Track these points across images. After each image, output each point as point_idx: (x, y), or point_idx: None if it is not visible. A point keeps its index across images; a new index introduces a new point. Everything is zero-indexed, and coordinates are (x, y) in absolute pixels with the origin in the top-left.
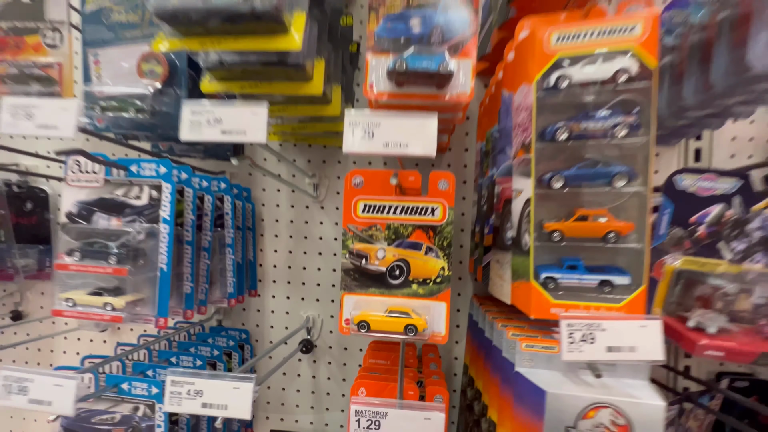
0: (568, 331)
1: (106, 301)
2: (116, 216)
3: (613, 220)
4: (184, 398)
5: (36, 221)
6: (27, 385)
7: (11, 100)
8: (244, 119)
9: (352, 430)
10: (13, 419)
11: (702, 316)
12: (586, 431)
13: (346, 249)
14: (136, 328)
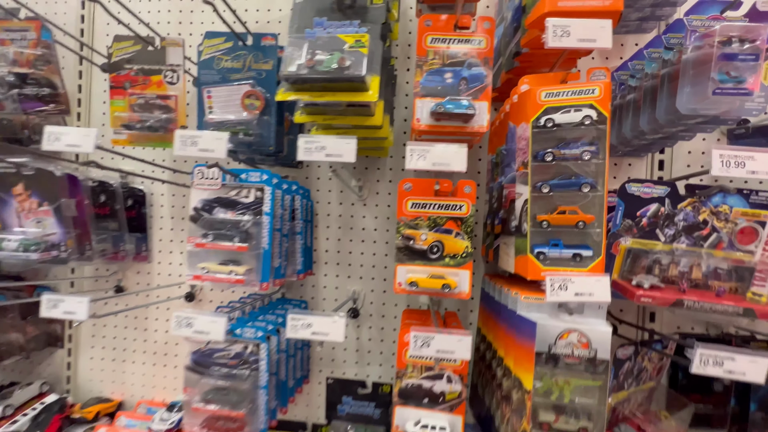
0: (550, 282)
1: (231, 269)
2: (231, 210)
3: (581, 213)
4: (299, 329)
5: (135, 215)
6: (192, 321)
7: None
8: (341, 147)
9: (411, 347)
10: (178, 346)
11: (640, 277)
12: (562, 348)
13: (399, 234)
14: (214, 300)
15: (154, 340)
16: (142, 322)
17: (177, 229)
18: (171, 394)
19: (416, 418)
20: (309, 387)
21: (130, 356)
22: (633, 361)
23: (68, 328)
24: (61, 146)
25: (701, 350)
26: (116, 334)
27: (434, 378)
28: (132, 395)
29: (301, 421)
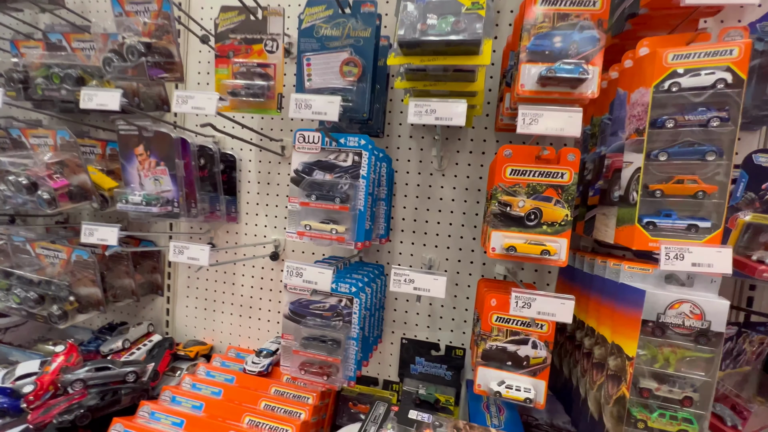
0: (665, 251)
1: (332, 228)
2: (329, 173)
3: (701, 183)
4: (402, 283)
5: (226, 179)
6: (302, 272)
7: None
8: (451, 110)
9: (512, 307)
10: (262, 300)
11: (761, 253)
12: (672, 317)
13: (495, 200)
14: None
15: (240, 294)
16: (230, 276)
17: (263, 193)
18: (255, 342)
19: (499, 379)
20: (382, 347)
21: (219, 306)
22: (734, 341)
23: (167, 279)
24: (188, 108)
25: None
26: (208, 287)
27: (520, 342)
28: (221, 341)
29: (373, 377)
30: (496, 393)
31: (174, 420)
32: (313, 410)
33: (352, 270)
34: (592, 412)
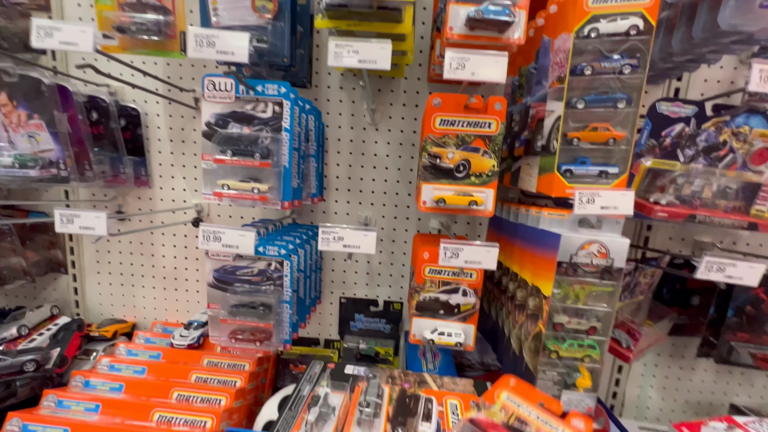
0: (579, 196)
1: (253, 186)
2: (247, 126)
3: (613, 130)
4: (331, 241)
5: (130, 136)
6: (220, 236)
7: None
8: (375, 51)
9: (441, 257)
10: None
11: (657, 195)
12: (582, 257)
13: (425, 151)
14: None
15: (162, 266)
16: (147, 247)
17: (177, 153)
18: (184, 315)
19: (433, 327)
20: (321, 307)
21: (138, 281)
22: (632, 276)
23: (70, 254)
24: (54, 44)
25: (708, 258)
26: (122, 260)
27: (450, 292)
28: (145, 317)
29: (314, 338)
30: (430, 341)
31: (87, 406)
32: (250, 377)
33: (283, 232)
34: (514, 348)
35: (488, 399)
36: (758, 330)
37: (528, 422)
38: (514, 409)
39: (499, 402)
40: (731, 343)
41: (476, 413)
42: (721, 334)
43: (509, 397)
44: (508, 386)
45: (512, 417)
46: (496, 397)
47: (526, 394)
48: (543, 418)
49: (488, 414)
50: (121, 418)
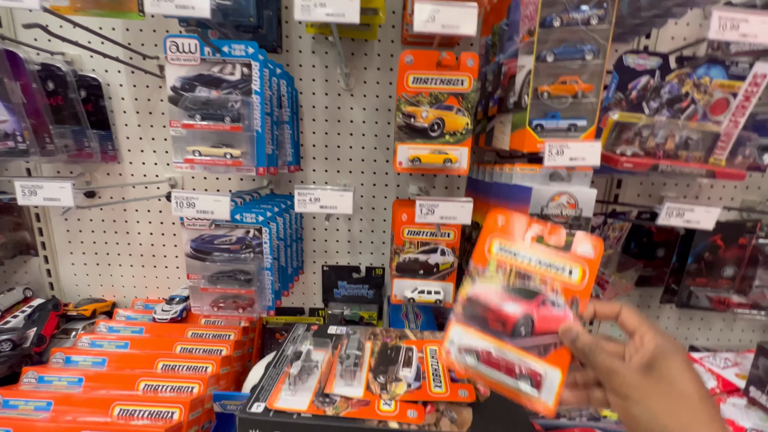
0: (548, 149)
1: (226, 151)
2: (215, 89)
3: (581, 83)
4: (307, 203)
5: (93, 108)
6: (194, 201)
7: None
8: (343, 4)
9: (417, 215)
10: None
11: (623, 148)
12: (553, 209)
13: (399, 111)
14: None
15: (138, 243)
16: (121, 225)
17: (145, 125)
18: (165, 292)
19: (413, 287)
20: (304, 277)
21: (115, 259)
22: (601, 230)
23: (39, 235)
24: None
25: (669, 204)
26: (96, 239)
27: (429, 252)
28: (125, 296)
29: (298, 307)
30: (410, 299)
31: (70, 379)
32: (235, 345)
33: (261, 202)
34: None
35: (480, 261)
36: (715, 275)
37: (530, 273)
38: (512, 261)
39: (493, 260)
40: (691, 288)
41: (471, 287)
42: (682, 281)
43: (502, 247)
44: (497, 230)
45: (512, 275)
46: (487, 253)
47: (519, 228)
48: (545, 260)
49: (485, 282)
50: (105, 389)
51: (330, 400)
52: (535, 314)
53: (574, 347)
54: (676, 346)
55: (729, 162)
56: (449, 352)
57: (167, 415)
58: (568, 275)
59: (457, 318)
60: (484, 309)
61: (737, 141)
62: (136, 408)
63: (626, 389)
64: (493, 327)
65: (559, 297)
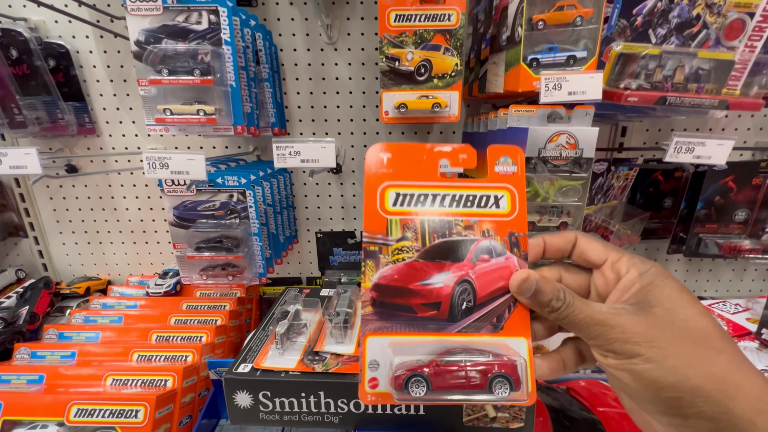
0: (545, 82)
1: (198, 108)
2: (182, 40)
3: (580, 8)
4: (287, 157)
5: (64, 79)
6: (167, 161)
7: None
8: None
9: None
10: (155, 222)
11: (628, 81)
12: (551, 150)
13: (382, 54)
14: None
15: (128, 219)
16: (108, 201)
17: (121, 94)
18: (159, 267)
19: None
20: (299, 246)
21: (105, 237)
22: (605, 177)
23: (26, 216)
24: None
25: (677, 138)
26: (83, 217)
27: None
28: (119, 274)
29: (295, 277)
30: None
31: (63, 353)
32: (231, 315)
33: (246, 167)
34: None
35: (375, 226)
36: (726, 220)
37: (449, 220)
38: (419, 212)
39: (394, 220)
40: (700, 236)
41: (375, 272)
42: (690, 228)
43: (401, 197)
44: (384, 173)
45: (427, 232)
46: (381, 210)
47: (414, 160)
48: (461, 194)
49: (392, 256)
50: (98, 362)
51: (320, 357)
52: (473, 275)
53: (538, 304)
54: (659, 268)
55: (744, 93)
56: (376, 385)
57: (160, 383)
58: (495, 206)
59: (368, 325)
60: (402, 295)
61: (753, 68)
62: (129, 378)
63: (631, 346)
64: (423, 316)
65: (495, 241)
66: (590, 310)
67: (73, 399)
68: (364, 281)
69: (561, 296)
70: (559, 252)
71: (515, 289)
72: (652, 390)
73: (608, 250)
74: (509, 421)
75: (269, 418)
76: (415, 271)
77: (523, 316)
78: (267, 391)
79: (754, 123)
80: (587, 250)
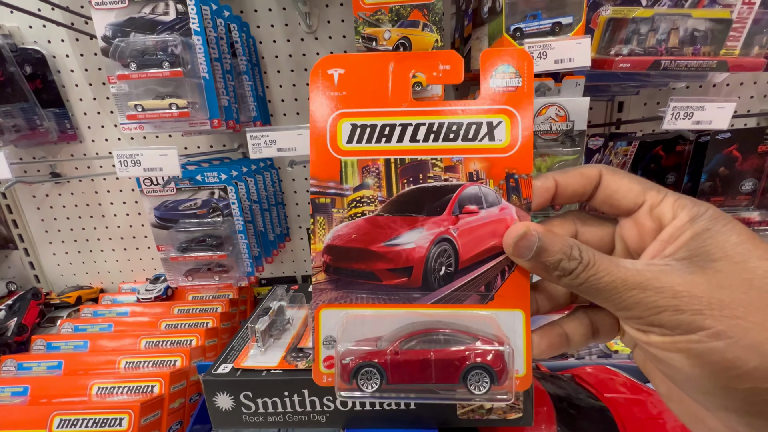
0: (529, 50)
1: (170, 102)
2: (150, 32)
3: None
4: (263, 147)
5: (42, 85)
6: (139, 158)
7: None
8: None
9: None
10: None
11: (620, 47)
12: (540, 124)
13: (358, 35)
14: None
15: (116, 225)
16: (96, 209)
17: (101, 98)
18: (151, 273)
19: None
20: (292, 244)
21: (95, 245)
22: (601, 154)
23: (15, 227)
24: None
25: (674, 103)
26: (72, 226)
27: None
28: (112, 282)
29: (290, 276)
30: None
31: (50, 364)
32: (222, 317)
33: (230, 164)
34: None
35: (325, 171)
36: (733, 191)
37: (423, 159)
38: (383, 150)
39: (350, 161)
40: None
41: (329, 231)
42: None
43: (357, 128)
44: (335, 96)
45: (394, 176)
46: (332, 149)
47: (375, 74)
48: (441, 122)
49: (348, 210)
50: (84, 370)
51: (303, 354)
52: (454, 232)
53: (542, 267)
54: (716, 210)
55: (744, 52)
56: (334, 365)
57: (147, 389)
58: (489, 138)
59: (321, 295)
60: (362, 259)
61: (752, 27)
62: (115, 385)
63: (689, 316)
64: (389, 283)
65: (486, 186)
66: (622, 271)
67: (56, 410)
68: (314, 242)
69: (575, 254)
70: (575, 196)
71: (510, 249)
72: (723, 378)
73: (646, 188)
74: (507, 412)
75: (253, 420)
76: (378, 228)
77: (521, 283)
78: (248, 392)
79: (757, 90)
80: (617, 190)
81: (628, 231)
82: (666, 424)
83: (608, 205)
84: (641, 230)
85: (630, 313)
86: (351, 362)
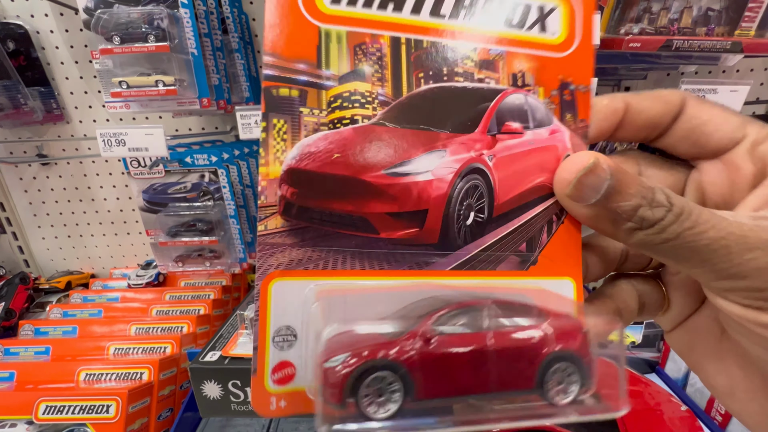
0: None
1: (157, 79)
2: (134, 4)
3: None
4: (254, 126)
5: (26, 62)
6: (123, 138)
7: None
8: None
9: None
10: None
11: (629, 26)
12: None
13: None
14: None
15: (107, 210)
16: (85, 192)
17: (88, 76)
18: (143, 259)
19: None
20: None
21: (85, 230)
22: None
23: (2, 211)
24: None
25: (685, 86)
26: (62, 210)
27: None
28: (103, 267)
29: None
30: None
31: (37, 349)
32: (215, 304)
33: (222, 147)
34: None
35: (289, 48)
36: None
37: (446, 50)
38: (390, 21)
39: (333, 33)
40: None
41: (290, 143)
42: None
43: None
44: None
45: (404, 67)
46: (306, 10)
47: None
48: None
49: (325, 110)
50: (72, 356)
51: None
52: (489, 160)
53: (609, 216)
54: None
55: (759, 33)
56: (290, 377)
57: (135, 376)
58: (540, 28)
59: (274, 255)
60: (347, 193)
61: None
62: (103, 372)
63: None
64: (390, 237)
65: (534, 96)
66: (735, 226)
67: (41, 396)
68: (264, 161)
69: (661, 199)
70: (647, 126)
71: (569, 188)
72: None
73: (746, 121)
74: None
75: (242, 409)
76: (377, 145)
77: (572, 239)
78: (237, 380)
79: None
80: (707, 121)
81: (714, 176)
82: (663, 415)
83: (690, 142)
84: (734, 176)
85: (743, 283)
86: (346, 365)
